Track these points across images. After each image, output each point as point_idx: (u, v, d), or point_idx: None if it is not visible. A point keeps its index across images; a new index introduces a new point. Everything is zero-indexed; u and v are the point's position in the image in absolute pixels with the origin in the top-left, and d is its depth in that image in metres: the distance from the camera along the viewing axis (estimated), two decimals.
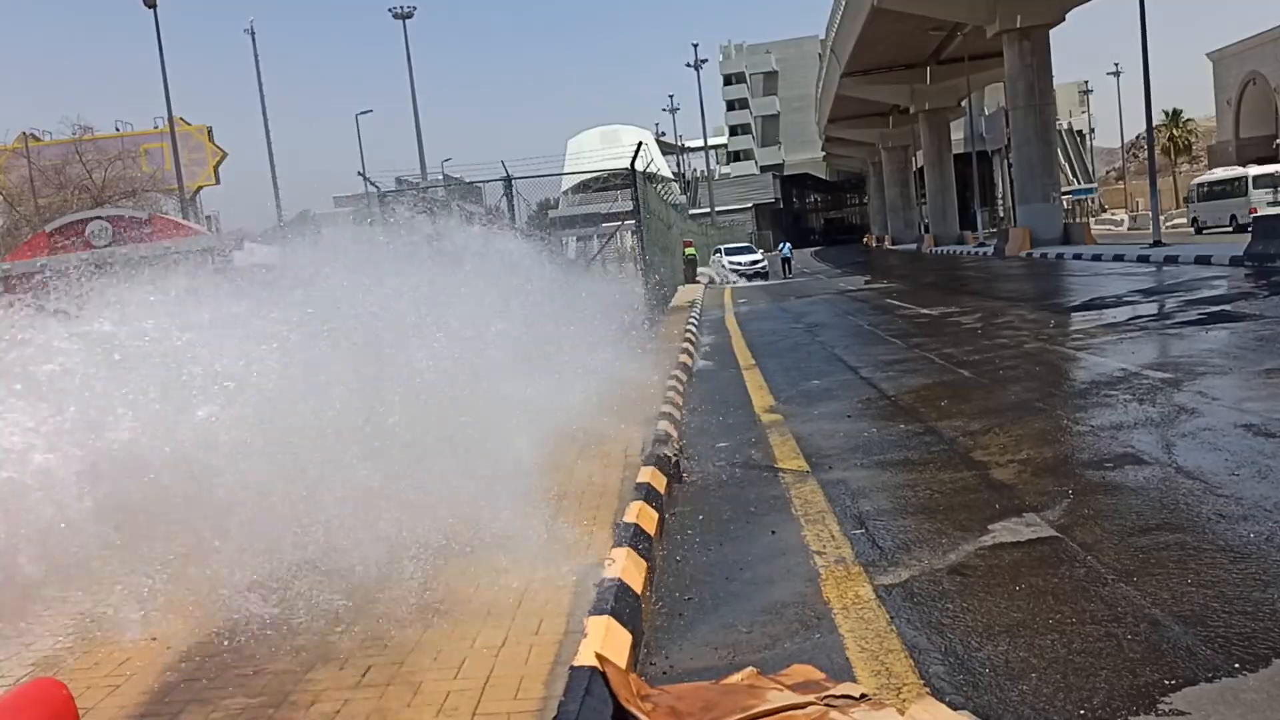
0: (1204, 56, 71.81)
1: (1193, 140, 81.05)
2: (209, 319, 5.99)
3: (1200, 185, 42.15)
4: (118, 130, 52.96)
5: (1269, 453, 6.45)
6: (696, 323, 21.16)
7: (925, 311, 19.47)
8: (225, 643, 4.54)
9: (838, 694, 3.74)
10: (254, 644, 4.41)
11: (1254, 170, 39.55)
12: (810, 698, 3.71)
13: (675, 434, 8.67)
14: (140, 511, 4.80)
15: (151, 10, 39.65)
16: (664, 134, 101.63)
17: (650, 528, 5.88)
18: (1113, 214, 70.19)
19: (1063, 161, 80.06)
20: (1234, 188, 39.52)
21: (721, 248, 48.03)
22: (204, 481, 4.91)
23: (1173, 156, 78.21)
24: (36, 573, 4.61)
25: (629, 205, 21.87)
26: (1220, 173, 43.09)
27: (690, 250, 40.25)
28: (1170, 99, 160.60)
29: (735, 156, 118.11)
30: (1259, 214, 29.04)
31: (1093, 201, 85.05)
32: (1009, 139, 43.83)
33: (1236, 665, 3.72)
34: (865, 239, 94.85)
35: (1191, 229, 41.90)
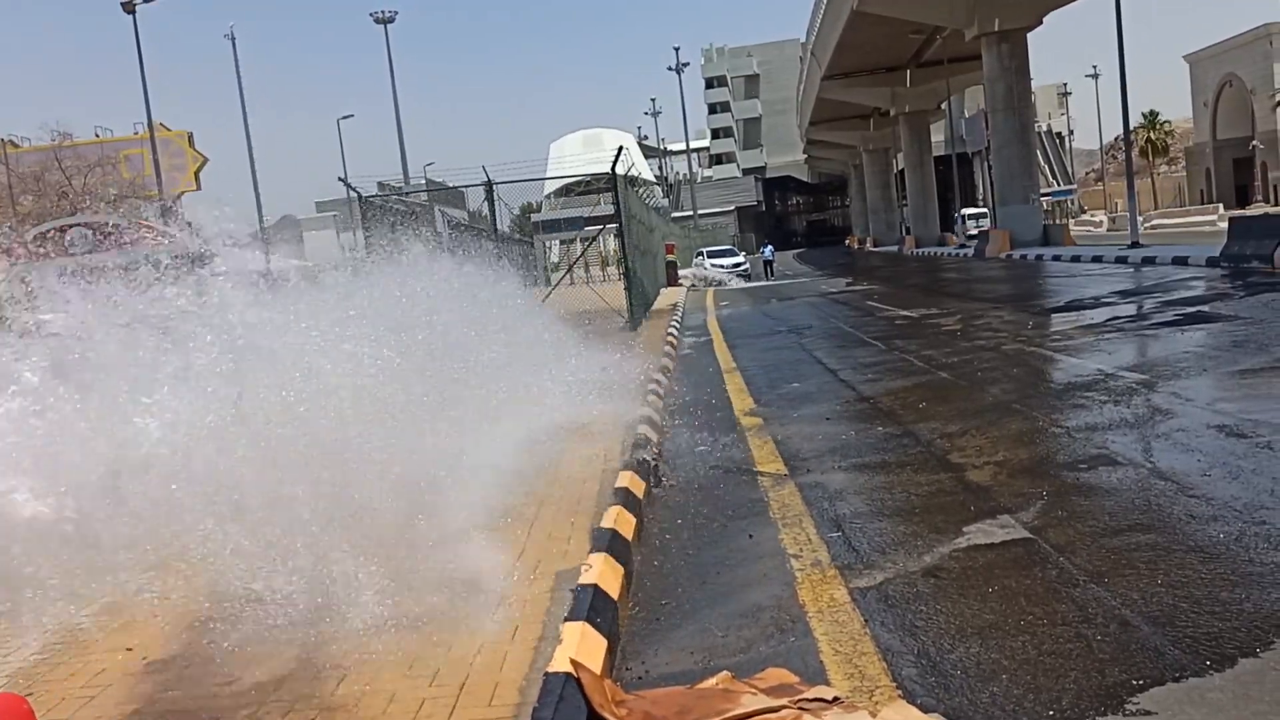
0: (1181, 59, 72.53)
1: (1170, 142, 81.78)
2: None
3: (959, 216, 59.41)
4: (97, 136, 52.71)
5: (1240, 453, 6.52)
6: (678, 326, 21.20)
7: (905, 313, 19.57)
8: (199, 654, 4.53)
9: (811, 697, 3.77)
10: (228, 655, 4.40)
11: (967, 211, 61.63)
12: (783, 701, 3.74)
13: (655, 438, 8.70)
14: (116, 522, 4.78)
15: (131, 15, 39.48)
16: (646, 137, 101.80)
17: (628, 532, 5.90)
18: (1092, 215, 70.63)
19: (1042, 163, 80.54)
20: (964, 219, 58.36)
21: (704, 250, 48.08)
22: (183, 492, 4.90)
23: (1150, 158, 78.90)
24: (12, 583, 4.60)
25: (611, 209, 21.92)
26: (973, 210, 64.15)
27: (671, 256, 40.34)
28: (1148, 101, 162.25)
29: (717, 159, 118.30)
30: (1233, 215, 29.43)
31: (1072, 203, 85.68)
32: (989, 141, 44.10)
33: (1203, 665, 3.77)
34: (848, 241, 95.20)
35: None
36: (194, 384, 5.19)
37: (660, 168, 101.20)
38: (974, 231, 53.45)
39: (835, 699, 3.76)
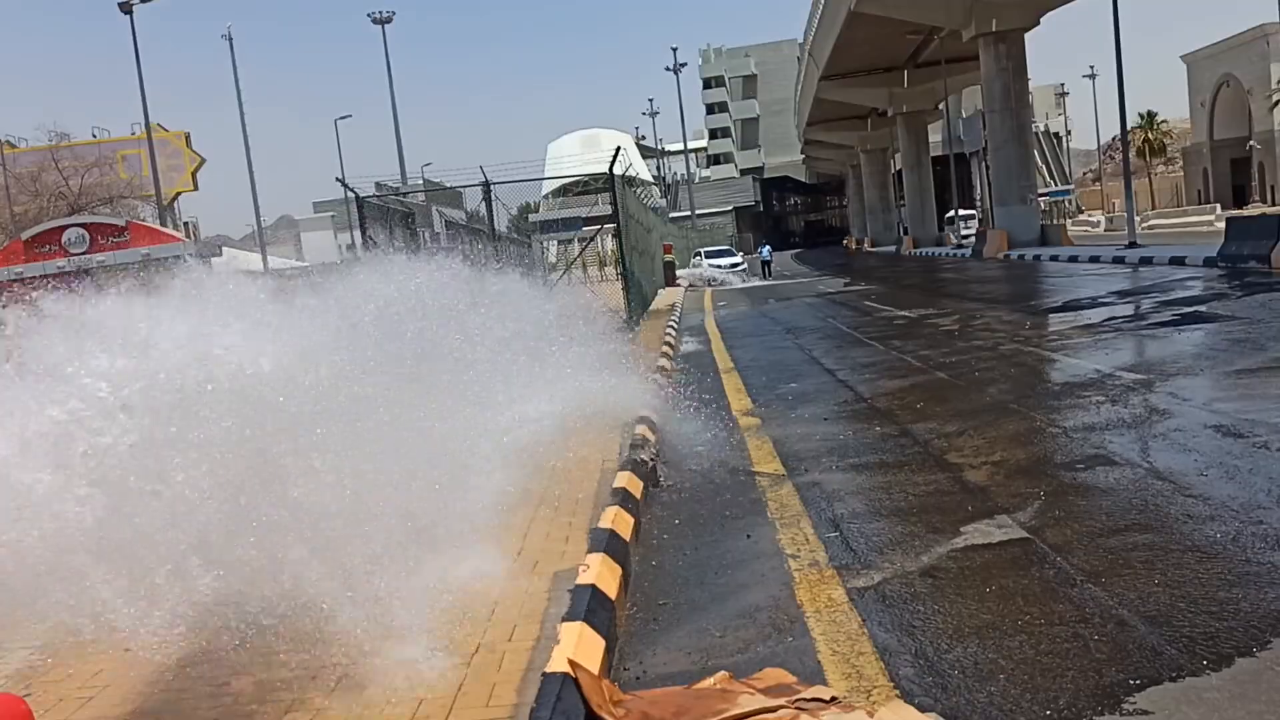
0: (1178, 59, 72.60)
1: (1167, 142, 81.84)
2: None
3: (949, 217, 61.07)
4: (95, 137, 52.71)
5: (1237, 453, 6.53)
6: (676, 326, 21.20)
7: (903, 314, 19.58)
8: (198, 655, 4.53)
9: (808, 697, 3.77)
10: (227, 656, 4.40)
11: (963, 212, 61.03)
12: (781, 701, 3.75)
13: (652, 438, 8.70)
14: (113, 524, 4.77)
15: (128, 16, 39.42)
16: (644, 138, 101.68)
17: (625, 533, 5.90)
18: (1089, 215, 70.68)
19: (1040, 163, 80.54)
20: (952, 220, 58.84)
21: (701, 251, 48.12)
22: (179, 494, 4.89)
23: (1148, 158, 78.95)
24: (15, 586, 4.59)
25: (609, 209, 21.93)
26: (962, 211, 62.92)
27: (669, 256, 40.38)
28: (1145, 101, 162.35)
29: (715, 160, 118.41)
30: (1231, 215, 29.51)
31: (1070, 203, 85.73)
32: (986, 141, 44.10)
33: (1200, 665, 3.78)
34: (846, 241, 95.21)
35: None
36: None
37: (658, 168, 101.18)
38: (965, 232, 53.53)
39: (833, 699, 3.77)
